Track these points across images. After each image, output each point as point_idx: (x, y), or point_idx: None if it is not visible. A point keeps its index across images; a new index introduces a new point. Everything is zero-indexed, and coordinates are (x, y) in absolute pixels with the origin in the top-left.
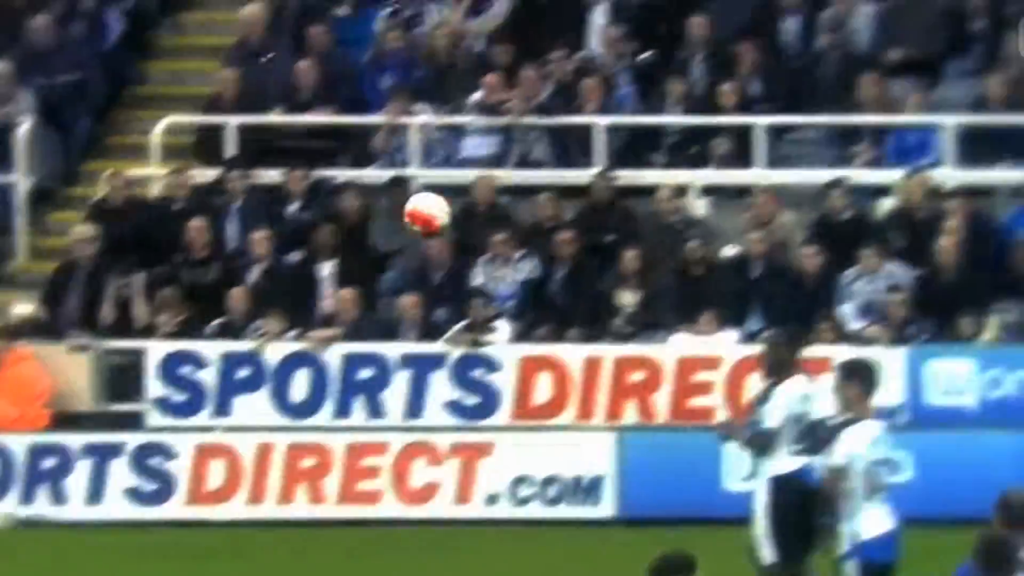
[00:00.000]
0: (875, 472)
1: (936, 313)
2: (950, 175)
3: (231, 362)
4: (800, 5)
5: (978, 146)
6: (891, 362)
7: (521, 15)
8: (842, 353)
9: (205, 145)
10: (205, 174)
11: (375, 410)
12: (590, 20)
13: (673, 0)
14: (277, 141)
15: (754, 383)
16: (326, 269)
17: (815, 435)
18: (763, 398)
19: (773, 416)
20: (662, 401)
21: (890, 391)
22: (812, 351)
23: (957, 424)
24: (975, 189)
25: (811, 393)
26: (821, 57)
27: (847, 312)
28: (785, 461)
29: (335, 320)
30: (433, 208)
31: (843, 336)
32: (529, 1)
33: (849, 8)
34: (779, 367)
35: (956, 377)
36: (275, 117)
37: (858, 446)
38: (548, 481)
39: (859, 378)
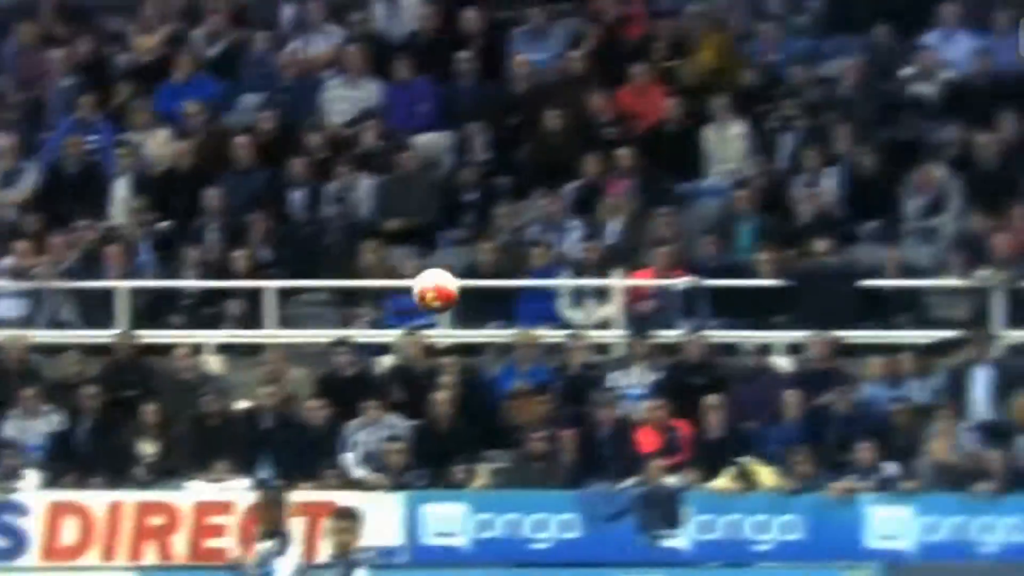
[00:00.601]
0: None
1: (432, 461)
2: (444, 334)
3: None
4: (306, 178)
5: (470, 308)
6: (390, 506)
7: (49, 186)
8: (345, 499)
9: None
10: None
11: None
12: (113, 191)
13: (189, 173)
14: None
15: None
16: None
17: None
18: (273, 551)
19: (282, 567)
20: (180, 543)
21: (389, 533)
22: (317, 496)
23: (451, 563)
24: (467, 348)
25: (299, 542)
26: (326, 226)
27: (350, 460)
28: None
29: None
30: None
31: (347, 483)
32: (56, 173)
33: (351, 181)
34: (274, 519)
35: (450, 520)
36: None
37: None
38: None
39: (352, 522)
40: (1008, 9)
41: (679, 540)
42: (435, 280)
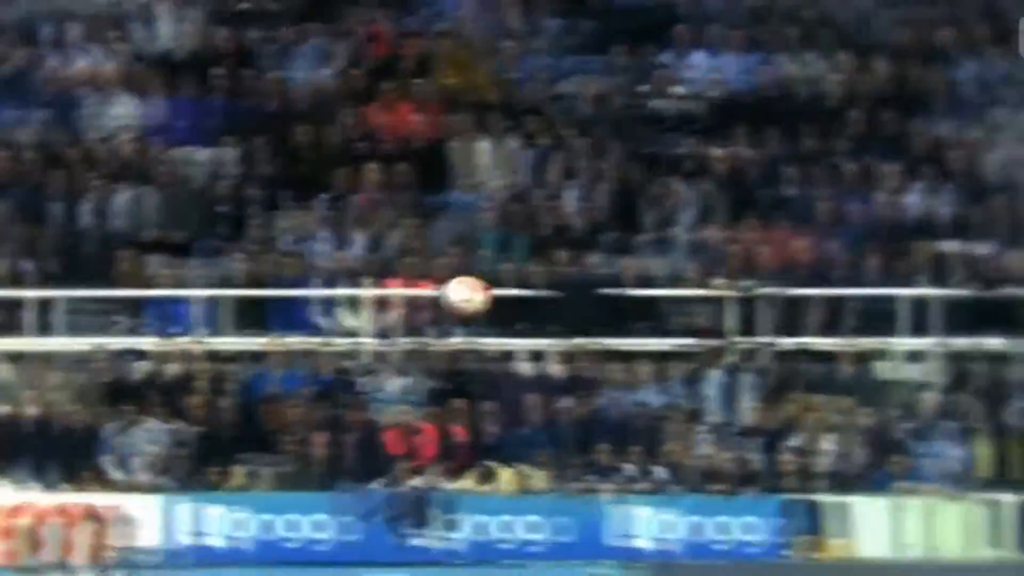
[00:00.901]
0: None
1: (188, 463)
2: (202, 341)
3: None
4: (65, 191)
5: (228, 316)
6: (148, 508)
7: None
8: (103, 500)
9: None
10: None
11: None
12: None
13: None
14: None
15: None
16: None
17: None
18: None
19: None
20: None
21: (147, 534)
22: (76, 498)
23: (206, 563)
24: (222, 354)
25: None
26: (85, 236)
27: (110, 462)
28: None
29: None
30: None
31: (106, 484)
32: None
33: (109, 194)
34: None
35: (205, 521)
36: None
37: None
38: None
39: (104, 525)
40: (743, 30)
41: (427, 540)
42: (471, 289)
